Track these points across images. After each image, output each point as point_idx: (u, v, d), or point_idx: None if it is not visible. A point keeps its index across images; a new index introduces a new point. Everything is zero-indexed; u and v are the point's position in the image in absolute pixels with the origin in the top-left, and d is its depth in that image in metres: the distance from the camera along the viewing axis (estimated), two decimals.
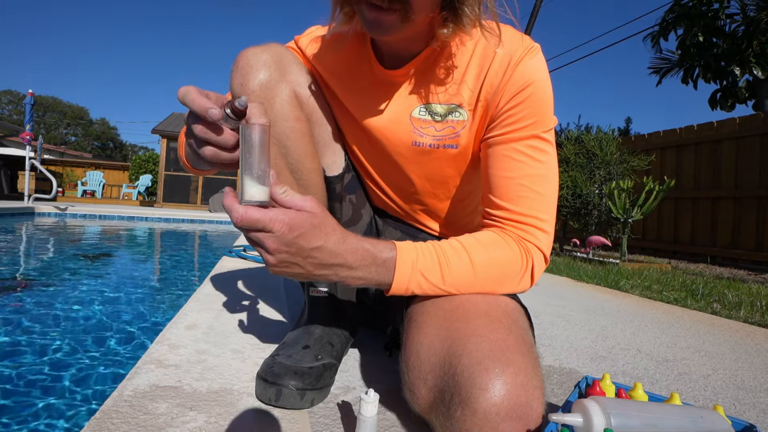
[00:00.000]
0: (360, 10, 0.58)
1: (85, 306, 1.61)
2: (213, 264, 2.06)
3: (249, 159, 0.46)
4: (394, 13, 0.55)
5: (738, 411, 0.79)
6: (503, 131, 0.65)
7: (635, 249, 5.14)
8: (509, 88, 0.63)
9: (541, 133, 0.64)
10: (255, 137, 0.46)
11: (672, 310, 1.77)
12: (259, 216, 0.47)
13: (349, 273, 0.55)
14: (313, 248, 0.51)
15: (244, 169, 0.47)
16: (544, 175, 0.65)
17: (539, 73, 0.64)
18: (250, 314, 1.19)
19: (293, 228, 0.49)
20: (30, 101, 6.60)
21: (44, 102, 41.23)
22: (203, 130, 0.51)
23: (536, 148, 0.64)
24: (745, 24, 7.47)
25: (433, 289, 0.59)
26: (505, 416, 0.45)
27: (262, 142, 0.47)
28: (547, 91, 0.65)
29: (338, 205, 0.80)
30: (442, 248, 0.60)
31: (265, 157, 0.47)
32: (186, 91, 0.50)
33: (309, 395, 0.66)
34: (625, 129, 15.25)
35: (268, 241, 0.49)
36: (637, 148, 5.05)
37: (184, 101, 0.50)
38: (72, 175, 14.41)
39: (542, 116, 0.64)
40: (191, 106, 0.49)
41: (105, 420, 0.58)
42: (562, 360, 1.02)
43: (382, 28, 0.57)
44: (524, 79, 0.63)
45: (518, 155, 0.64)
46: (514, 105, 0.63)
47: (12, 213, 5.71)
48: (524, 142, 0.64)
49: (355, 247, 0.55)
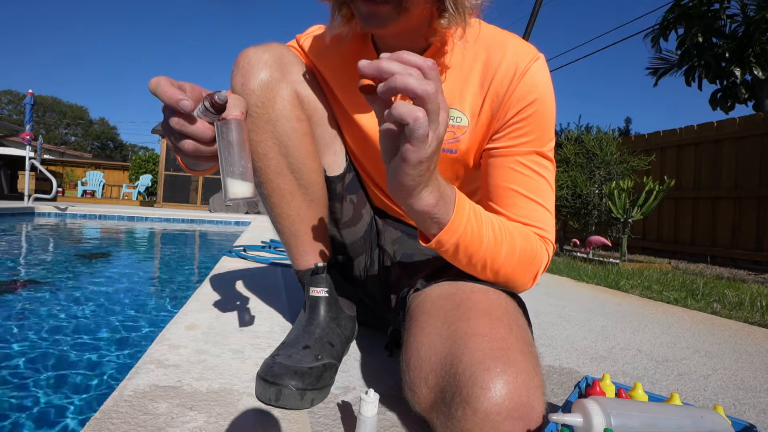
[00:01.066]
0: (356, 6, 0.58)
1: (85, 306, 1.61)
2: (213, 264, 2.06)
3: (228, 157, 0.44)
4: (387, 4, 0.55)
5: (738, 411, 0.79)
6: (509, 144, 0.65)
7: (635, 249, 5.14)
8: (515, 100, 0.64)
9: (546, 151, 0.66)
10: (232, 134, 0.44)
11: (672, 310, 1.77)
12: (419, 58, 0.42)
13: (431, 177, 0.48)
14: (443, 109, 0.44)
15: (225, 166, 0.44)
16: (546, 191, 0.66)
17: (544, 86, 0.65)
18: (250, 314, 1.19)
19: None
20: (30, 101, 6.60)
21: (44, 102, 41.22)
22: (179, 122, 0.49)
23: (540, 164, 0.66)
24: (745, 24, 7.47)
25: (475, 245, 0.56)
26: (506, 416, 0.45)
27: (240, 137, 0.44)
28: (551, 105, 0.66)
29: (339, 205, 0.80)
30: (489, 215, 0.60)
31: (245, 153, 0.45)
32: (157, 83, 0.48)
33: (309, 395, 0.66)
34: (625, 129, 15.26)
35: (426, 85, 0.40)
36: (637, 148, 5.05)
37: (155, 93, 0.48)
38: (72, 175, 14.40)
39: (546, 131, 0.65)
40: (162, 98, 0.47)
41: (105, 420, 0.58)
42: (562, 360, 1.02)
43: (378, 20, 0.57)
44: (531, 93, 0.63)
45: (524, 169, 0.65)
46: (520, 119, 0.64)
47: (12, 213, 5.70)
48: (529, 157, 0.65)
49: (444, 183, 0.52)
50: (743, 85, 8.07)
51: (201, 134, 0.49)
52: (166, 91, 0.47)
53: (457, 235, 0.55)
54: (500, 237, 0.59)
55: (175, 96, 0.47)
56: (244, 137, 0.45)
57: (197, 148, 0.50)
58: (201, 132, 0.49)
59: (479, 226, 0.56)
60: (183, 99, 0.46)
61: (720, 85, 8.40)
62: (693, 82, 8.44)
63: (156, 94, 0.48)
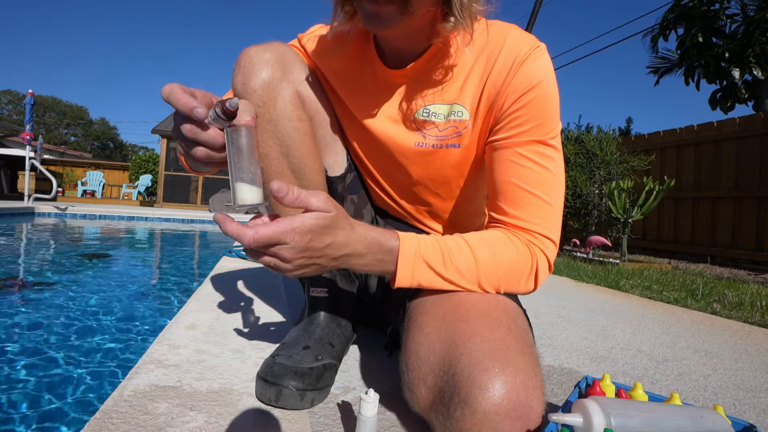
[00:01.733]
0: (360, 5, 0.57)
1: (85, 306, 1.61)
2: (213, 264, 2.06)
3: (238, 163, 0.45)
4: (392, 4, 0.55)
5: (738, 411, 0.79)
6: (508, 134, 0.64)
7: (635, 249, 5.14)
8: (513, 89, 0.62)
9: (547, 139, 0.63)
10: (242, 140, 0.45)
11: (672, 310, 1.77)
12: (271, 232, 0.47)
13: (358, 261, 0.56)
14: (327, 245, 0.51)
15: (234, 172, 0.45)
16: (550, 182, 0.64)
17: (544, 73, 0.63)
18: (250, 314, 1.19)
19: (306, 233, 0.49)
20: (30, 101, 6.60)
21: (44, 102, 41.21)
22: (192, 129, 0.50)
23: (542, 154, 0.63)
24: (745, 24, 7.47)
25: (436, 279, 0.59)
26: (504, 416, 0.45)
27: (250, 144, 0.45)
28: (552, 92, 0.63)
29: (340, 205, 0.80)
30: (445, 241, 0.60)
31: (254, 158, 0.46)
32: (170, 90, 0.48)
33: (309, 395, 0.66)
34: (626, 129, 15.26)
35: (284, 252, 0.49)
36: (637, 148, 5.05)
37: (168, 100, 0.49)
38: (72, 175, 14.40)
39: (547, 119, 0.63)
40: (176, 106, 0.48)
41: (105, 420, 0.58)
42: (562, 360, 1.02)
43: (382, 21, 0.57)
44: (529, 81, 0.62)
45: (524, 161, 0.63)
46: (518, 107, 0.62)
47: (12, 213, 5.70)
48: (530, 147, 0.63)
49: (363, 236, 0.55)
50: (743, 85, 8.07)
51: (213, 141, 0.51)
52: (180, 99, 0.48)
53: (408, 281, 0.59)
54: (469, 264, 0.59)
55: (189, 104, 0.47)
56: (254, 144, 0.46)
57: (209, 154, 0.52)
58: (213, 139, 0.51)
59: (433, 260, 0.59)
60: (197, 107, 0.47)
61: (720, 85, 8.40)
62: (692, 81, 8.44)
63: (170, 102, 0.49)
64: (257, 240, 0.46)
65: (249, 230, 0.46)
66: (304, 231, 0.48)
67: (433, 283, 0.59)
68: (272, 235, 0.47)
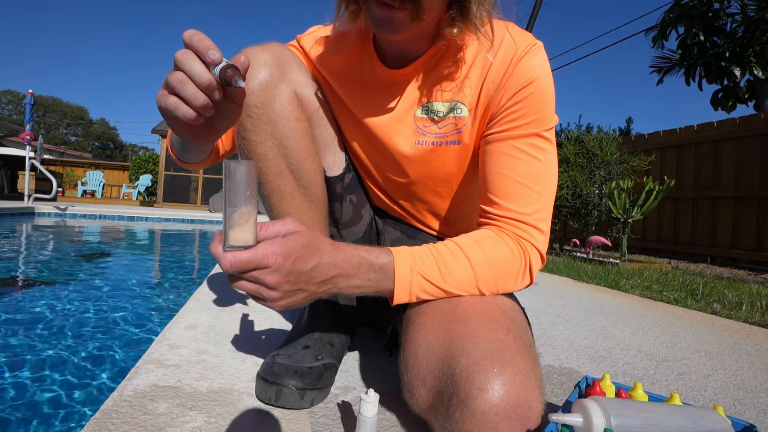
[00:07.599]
0: (369, 8, 0.57)
1: (85, 306, 1.61)
2: (213, 264, 2.06)
3: (233, 199, 0.42)
4: (405, 10, 0.55)
5: (738, 411, 0.79)
6: (503, 128, 0.64)
7: (635, 249, 5.14)
8: (510, 85, 0.63)
9: (542, 132, 0.64)
10: (241, 175, 0.42)
11: (672, 310, 1.77)
12: (249, 256, 0.45)
13: (348, 282, 0.54)
14: (312, 268, 0.50)
15: (228, 209, 0.43)
16: (542, 174, 0.64)
17: (541, 70, 0.63)
18: (250, 314, 1.19)
19: (288, 255, 0.47)
20: (30, 101, 6.60)
21: (44, 102, 41.22)
22: (180, 78, 0.45)
23: (536, 146, 0.64)
24: (745, 24, 7.47)
25: (435, 290, 0.59)
26: (504, 416, 0.45)
27: (248, 181, 0.43)
28: (548, 89, 0.64)
29: (339, 205, 0.80)
30: (438, 250, 0.60)
31: (252, 197, 0.43)
32: (194, 31, 0.46)
33: (309, 395, 0.66)
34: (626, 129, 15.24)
35: (267, 278, 0.47)
36: (637, 148, 5.05)
37: (190, 41, 0.45)
38: (72, 175, 14.39)
39: (543, 114, 0.64)
40: (198, 45, 0.45)
41: (105, 420, 0.58)
42: (562, 360, 1.02)
43: (393, 26, 0.56)
44: (526, 77, 0.62)
45: (517, 153, 0.63)
46: (515, 102, 0.63)
47: (12, 213, 5.70)
48: (524, 140, 0.63)
49: (350, 255, 0.54)
50: (744, 85, 8.07)
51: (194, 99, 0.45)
52: (202, 39, 0.45)
53: (407, 297, 0.58)
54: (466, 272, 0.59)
55: (208, 44, 0.45)
56: (252, 180, 0.43)
57: (177, 105, 0.46)
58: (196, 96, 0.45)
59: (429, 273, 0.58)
60: (213, 49, 0.45)
61: (720, 85, 8.40)
62: (693, 81, 8.44)
63: (191, 42, 0.45)
64: (235, 263, 0.44)
65: (228, 254, 0.44)
66: (285, 253, 0.47)
67: (433, 295, 0.59)
68: (251, 258, 0.45)
